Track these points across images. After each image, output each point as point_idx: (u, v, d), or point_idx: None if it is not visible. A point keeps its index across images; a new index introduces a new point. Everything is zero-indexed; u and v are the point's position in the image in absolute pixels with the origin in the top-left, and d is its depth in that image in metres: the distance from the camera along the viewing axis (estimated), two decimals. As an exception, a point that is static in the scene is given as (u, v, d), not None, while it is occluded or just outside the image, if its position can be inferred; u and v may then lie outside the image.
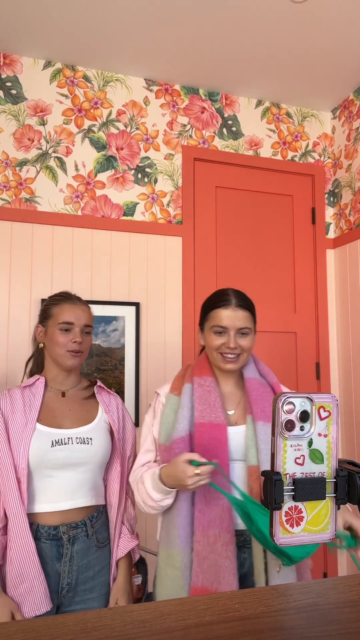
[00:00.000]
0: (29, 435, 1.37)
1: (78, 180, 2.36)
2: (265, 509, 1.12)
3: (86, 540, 1.40)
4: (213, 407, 1.29)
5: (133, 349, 2.34)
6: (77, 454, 1.39)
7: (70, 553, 1.37)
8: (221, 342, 1.31)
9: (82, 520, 1.40)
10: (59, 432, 1.41)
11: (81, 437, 1.42)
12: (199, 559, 1.20)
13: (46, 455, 1.36)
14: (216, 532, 1.21)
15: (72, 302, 1.50)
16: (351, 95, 2.65)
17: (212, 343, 1.32)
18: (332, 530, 0.59)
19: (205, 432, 1.26)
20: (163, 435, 1.29)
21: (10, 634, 0.49)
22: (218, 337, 1.32)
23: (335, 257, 2.74)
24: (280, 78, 2.51)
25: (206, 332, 1.35)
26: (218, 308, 1.32)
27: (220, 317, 1.31)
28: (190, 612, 0.53)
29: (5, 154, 2.26)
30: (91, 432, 1.44)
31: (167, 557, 1.24)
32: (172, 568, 1.22)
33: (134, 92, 2.49)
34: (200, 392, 1.32)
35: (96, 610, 0.54)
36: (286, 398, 0.57)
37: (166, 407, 1.33)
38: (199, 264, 2.51)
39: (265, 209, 2.68)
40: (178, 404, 1.32)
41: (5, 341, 2.16)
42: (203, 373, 1.36)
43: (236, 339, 1.31)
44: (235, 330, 1.31)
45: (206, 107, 2.61)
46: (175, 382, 1.38)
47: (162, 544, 1.27)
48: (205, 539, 1.21)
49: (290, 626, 0.51)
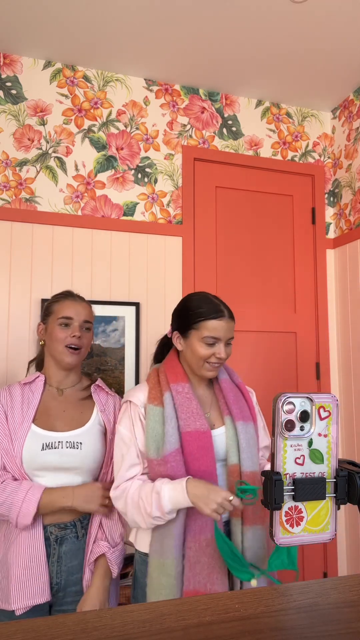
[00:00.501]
0: (24, 434, 1.38)
1: (78, 180, 2.36)
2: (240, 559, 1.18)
3: (76, 542, 1.39)
4: (196, 414, 1.29)
5: (133, 349, 2.34)
6: (66, 458, 1.39)
7: (57, 553, 1.36)
8: (211, 352, 1.31)
9: (71, 521, 1.39)
10: (50, 435, 1.40)
11: (71, 441, 1.41)
12: (190, 564, 1.21)
13: (36, 457, 1.37)
14: (207, 536, 1.23)
15: (73, 298, 1.52)
16: (351, 95, 2.65)
17: (201, 352, 1.32)
18: (332, 530, 0.59)
19: (192, 441, 1.27)
20: (153, 449, 1.27)
21: (10, 634, 0.49)
22: (209, 347, 1.31)
23: (335, 257, 2.74)
24: (280, 78, 2.51)
25: (193, 340, 1.33)
26: (212, 319, 1.31)
27: (215, 329, 1.31)
28: (190, 612, 0.53)
29: (5, 154, 2.26)
30: (82, 436, 1.43)
31: (160, 567, 1.23)
32: (166, 577, 1.22)
33: (134, 92, 2.49)
34: (180, 399, 1.31)
35: (96, 610, 0.54)
36: (286, 398, 0.57)
37: (150, 419, 1.30)
38: (199, 264, 2.51)
39: (265, 209, 2.68)
40: (162, 415, 1.30)
41: (5, 341, 2.16)
42: (179, 379, 1.35)
43: (225, 348, 1.33)
44: (226, 341, 1.33)
45: (206, 107, 2.61)
46: (152, 391, 1.34)
47: (154, 554, 1.25)
48: (197, 544, 1.22)
49: (290, 626, 0.51)
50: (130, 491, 1.28)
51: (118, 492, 1.31)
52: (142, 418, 1.32)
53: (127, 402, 1.36)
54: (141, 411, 1.33)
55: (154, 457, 1.27)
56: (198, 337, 1.32)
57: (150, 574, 1.25)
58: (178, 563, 1.22)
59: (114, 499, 1.32)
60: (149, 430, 1.29)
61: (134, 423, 1.33)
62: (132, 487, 1.28)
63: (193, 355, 1.33)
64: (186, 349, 1.36)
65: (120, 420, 1.37)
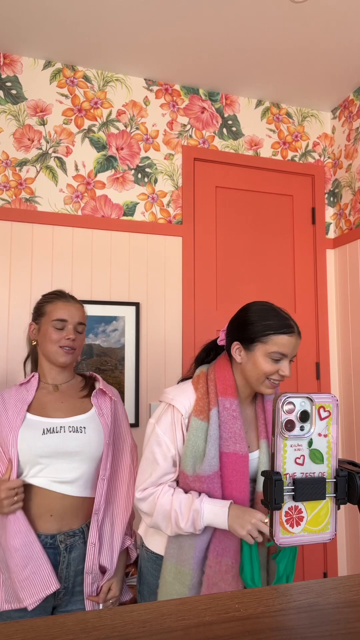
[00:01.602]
0: (17, 425, 1.35)
1: (78, 180, 2.36)
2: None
3: (83, 547, 1.39)
4: (238, 435, 1.24)
5: (133, 349, 2.34)
6: (69, 442, 1.36)
7: (67, 560, 1.36)
8: (276, 368, 1.24)
9: (79, 527, 1.39)
10: (51, 420, 1.38)
11: (74, 425, 1.38)
12: (208, 584, 1.20)
13: (36, 442, 1.33)
14: (229, 562, 1.20)
15: (66, 300, 1.49)
16: (351, 95, 2.65)
17: (265, 368, 1.24)
18: (332, 530, 0.59)
19: (229, 463, 1.23)
20: (189, 466, 1.23)
21: (10, 634, 0.49)
22: (274, 363, 1.24)
23: (335, 257, 2.74)
24: (280, 78, 2.51)
25: (257, 354, 1.24)
26: (283, 334, 1.23)
27: (284, 345, 1.23)
28: (190, 612, 0.53)
29: (5, 154, 2.26)
30: (85, 422, 1.41)
31: (176, 573, 1.22)
32: (181, 585, 1.21)
33: (134, 92, 2.49)
34: (226, 417, 1.25)
35: (96, 610, 0.54)
36: (286, 398, 0.57)
37: (192, 433, 1.23)
38: (199, 264, 2.51)
39: (265, 209, 2.68)
40: (206, 432, 1.23)
41: (5, 341, 2.16)
42: (228, 394, 1.27)
43: (289, 366, 1.27)
44: (290, 358, 1.26)
45: (206, 107, 2.61)
46: (200, 402, 1.26)
47: (171, 558, 1.24)
48: (217, 566, 1.20)
49: (290, 626, 0.51)
50: (160, 499, 1.24)
51: (145, 494, 1.27)
52: (185, 429, 1.26)
53: (170, 405, 1.29)
54: (184, 421, 1.26)
55: (189, 474, 1.23)
56: (264, 351, 1.24)
57: (165, 577, 1.23)
58: (195, 575, 1.20)
59: (139, 500, 1.29)
60: (189, 445, 1.23)
61: (175, 431, 1.27)
62: (163, 495, 1.24)
63: (254, 370, 1.25)
64: (247, 363, 1.27)
65: (159, 420, 1.30)
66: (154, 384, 2.35)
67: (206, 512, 1.18)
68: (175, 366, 2.40)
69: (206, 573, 1.21)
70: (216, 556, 1.20)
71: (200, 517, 1.17)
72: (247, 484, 1.23)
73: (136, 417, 2.29)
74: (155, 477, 1.27)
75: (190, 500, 1.20)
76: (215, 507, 1.18)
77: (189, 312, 2.45)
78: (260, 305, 1.29)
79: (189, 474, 1.23)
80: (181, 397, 1.29)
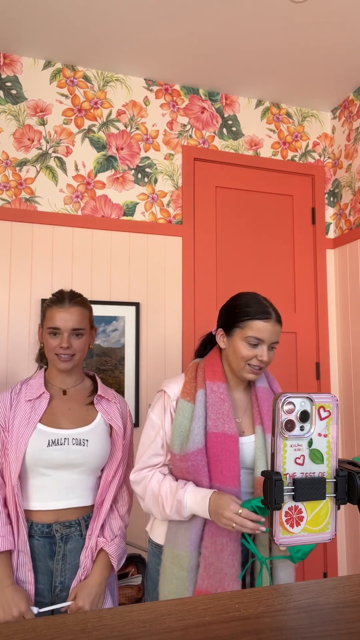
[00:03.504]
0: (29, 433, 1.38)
1: (78, 180, 2.36)
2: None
3: (79, 540, 1.40)
4: (226, 416, 1.28)
5: (133, 349, 2.34)
6: (72, 454, 1.39)
7: (62, 551, 1.37)
8: (254, 353, 1.28)
9: (76, 519, 1.40)
10: (56, 432, 1.40)
11: (77, 438, 1.41)
12: (205, 564, 1.22)
13: (41, 454, 1.36)
14: (224, 541, 1.22)
15: (61, 305, 1.45)
16: (351, 95, 2.65)
17: (243, 353, 1.28)
18: (332, 530, 0.59)
19: (218, 442, 1.26)
20: (176, 445, 1.28)
21: (10, 634, 0.49)
22: (252, 348, 1.28)
23: (335, 257, 2.74)
24: (280, 78, 2.51)
25: (236, 339, 1.30)
26: (259, 320, 1.28)
27: (259, 330, 1.27)
28: (190, 612, 0.53)
29: (5, 154, 2.26)
30: (88, 434, 1.43)
31: (173, 557, 1.25)
32: (179, 568, 1.24)
33: (134, 92, 2.49)
34: (213, 399, 1.29)
35: (96, 610, 0.54)
36: (286, 398, 0.57)
37: (179, 413, 1.29)
38: (199, 264, 2.51)
39: (265, 209, 2.68)
40: (192, 412, 1.29)
41: (5, 341, 2.16)
42: (216, 378, 1.32)
43: (268, 352, 1.29)
44: (269, 344, 1.29)
45: (206, 107, 2.61)
46: (187, 385, 1.33)
47: (169, 543, 1.28)
48: (213, 546, 1.23)
49: (290, 626, 0.51)
50: (151, 483, 1.29)
51: (139, 477, 1.33)
52: (173, 411, 1.32)
53: (161, 391, 1.37)
54: (172, 404, 1.33)
55: (176, 452, 1.28)
56: (242, 336, 1.28)
57: (164, 562, 1.27)
58: (192, 557, 1.23)
59: (134, 482, 1.34)
60: (176, 425, 1.28)
61: (164, 414, 1.33)
62: (153, 479, 1.30)
63: (234, 355, 1.30)
64: (228, 348, 1.32)
65: (153, 406, 1.38)
66: (154, 383, 2.35)
67: (189, 502, 1.22)
68: (175, 366, 2.40)
69: (202, 554, 1.23)
70: (211, 536, 1.23)
71: (183, 507, 1.22)
72: (237, 463, 1.26)
73: (136, 417, 2.30)
74: (146, 457, 1.33)
75: (175, 489, 1.25)
76: (197, 497, 1.22)
77: (189, 312, 2.45)
78: (244, 294, 1.35)
79: (176, 452, 1.28)
80: (172, 383, 1.37)
